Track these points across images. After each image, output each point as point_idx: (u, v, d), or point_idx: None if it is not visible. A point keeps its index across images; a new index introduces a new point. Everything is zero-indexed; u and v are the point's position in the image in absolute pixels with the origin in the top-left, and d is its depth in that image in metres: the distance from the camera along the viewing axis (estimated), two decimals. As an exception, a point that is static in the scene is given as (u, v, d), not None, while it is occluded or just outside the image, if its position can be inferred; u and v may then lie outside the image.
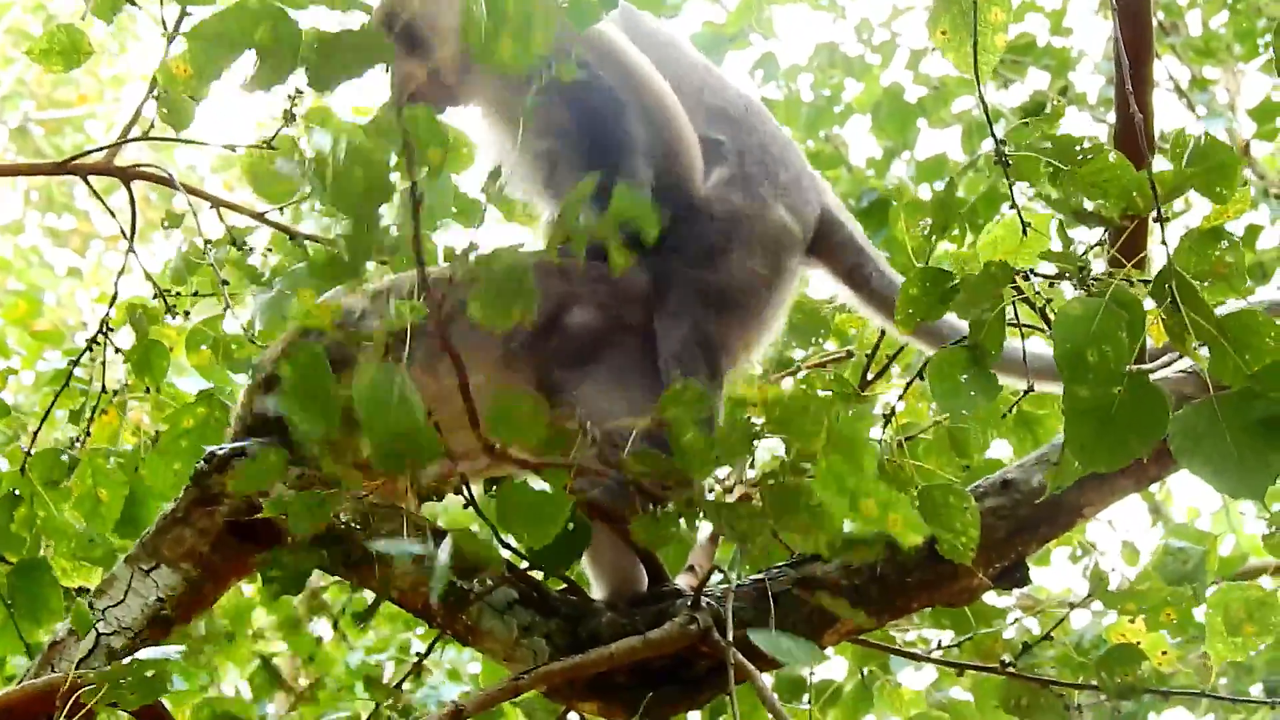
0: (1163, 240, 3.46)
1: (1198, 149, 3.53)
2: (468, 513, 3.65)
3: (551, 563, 3.73)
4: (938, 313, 3.79)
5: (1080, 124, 11.08)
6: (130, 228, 4.83)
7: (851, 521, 3.36)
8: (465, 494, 3.58)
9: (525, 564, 3.82)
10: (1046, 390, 4.11)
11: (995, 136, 3.75)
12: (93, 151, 4.90)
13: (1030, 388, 3.92)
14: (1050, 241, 3.95)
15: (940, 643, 4.66)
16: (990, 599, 4.54)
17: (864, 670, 4.82)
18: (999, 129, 3.85)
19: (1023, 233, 3.79)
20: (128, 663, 3.48)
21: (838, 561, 3.95)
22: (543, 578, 3.94)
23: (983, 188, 9.66)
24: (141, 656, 3.49)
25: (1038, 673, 4.39)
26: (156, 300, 4.82)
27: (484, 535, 3.79)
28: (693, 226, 4.21)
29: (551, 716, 5.61)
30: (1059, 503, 4.01)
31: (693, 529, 3.52)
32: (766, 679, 3.68)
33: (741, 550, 3.58)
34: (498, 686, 3.71)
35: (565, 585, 3.97)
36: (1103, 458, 3.40)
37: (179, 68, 4.31)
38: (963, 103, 10.39)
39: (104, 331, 4.88)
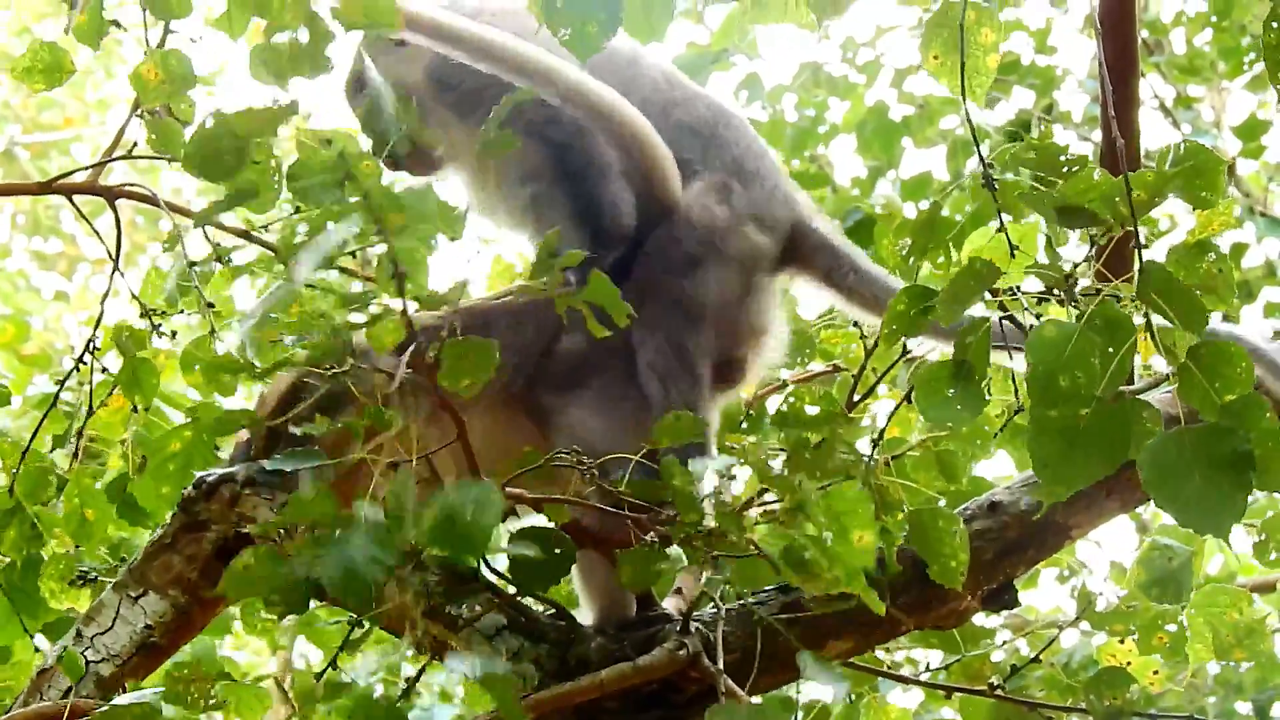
0: (1136, 243, 3.44)
1: (1178, 154, 3.52)
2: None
3: (535, 584, 3.72)
4: (921, 328, 3.79)
5: (1065, 142, 11.09)
6: (116, 249, 4.82)
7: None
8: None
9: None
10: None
11: (982, 158, 3.75)
12: (77, 172, 4.89)
13: (1020, 408, 3.92)
14: (1038, 256, 3.95)
15: (929, 664, 4.66)
16: (979, 621, 4.53)
17: (852, 692, 4.81)
18: (984, 148, 3.84)
19: (1010, 254, 3.78)
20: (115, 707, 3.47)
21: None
22: (525, 598, 3.94)
23: (969, 207, 9.72)
24: (122, 701, 3.48)
25: (1026, 695, 4.39)
26: (144, 321, 4.80)
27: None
28: (668, 239, 4.22)
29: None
30: (1047, 524, 4.01)
31: (693, 560, 3.53)
32: (755, 701, 3.68)
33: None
34: (486, 715, 3.70)
35: (553, 610, 3.96)
36: (1066, 476, 3.39)
37: (150, 72, 4.30)
38: (948, 121, 10.41)
39: (90, 351, 4.87)
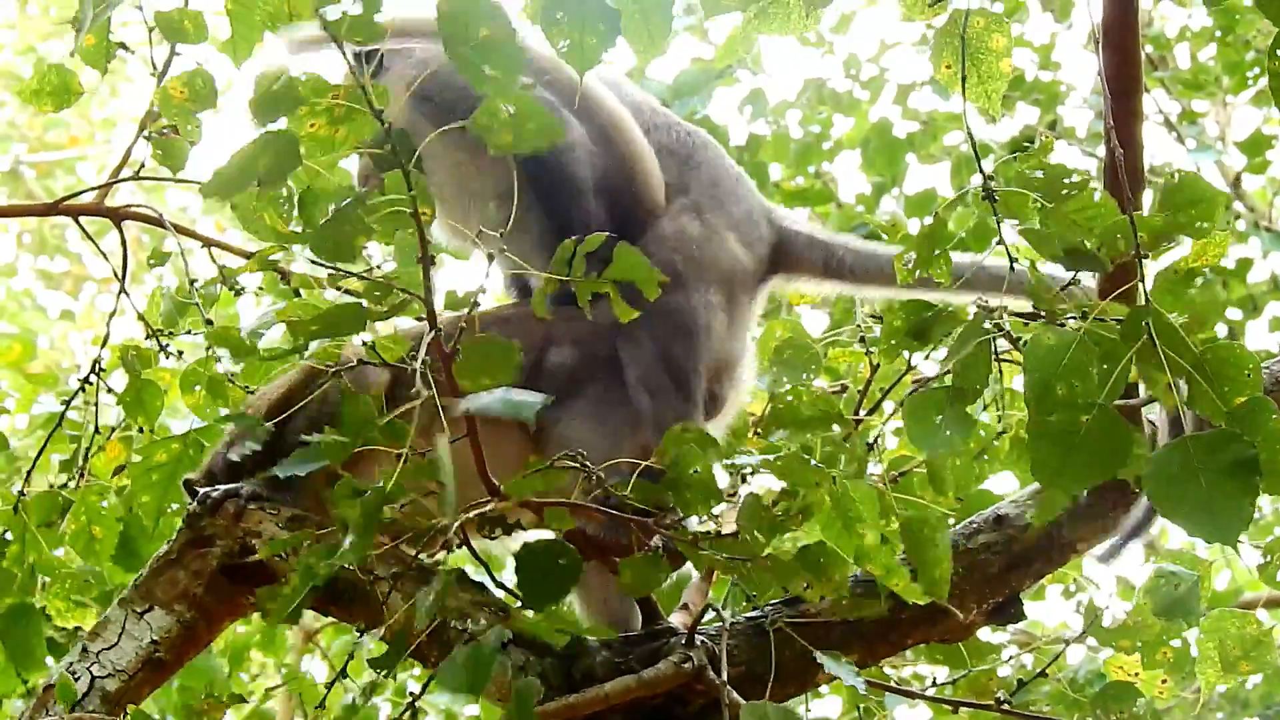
0: (1140, 278, 3.45)
1: (1175, 188, 3.51)
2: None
3: (541, 599, 3.72)
4: (919, 345, 3.79)
5: (1069, 158, 11.09)
6: (122, 269, 4.83)
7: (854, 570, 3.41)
8: (468, 549, 3.60)
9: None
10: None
11: (983, 171, 3.75)
12: (83, 193, 4.90)
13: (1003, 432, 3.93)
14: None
15: (935, 680, 4.65)
16: (985, 635, 4.53)
17: (859, 707, 4.81)
18: (987, 164, 3.84)
19: (1010, 269, 3.78)
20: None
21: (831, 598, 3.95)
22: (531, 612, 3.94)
23: (972, 222, 9.72)
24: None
25: (1033, 710, 4.37)
26: (149, 341, 4.81)
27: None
28: (650, 253, 4.24)
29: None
30: (1052, 538, 4.01)
31: (698, 564, 3.54)
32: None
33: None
34: (497, 725, 3.71)
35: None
36: (1066, 481, 3.39)
37: (176, 91, 4.32)
38: (952, 138, 10.41)
39: (96, 372, 4.87)
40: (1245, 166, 10.72)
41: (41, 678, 4.47)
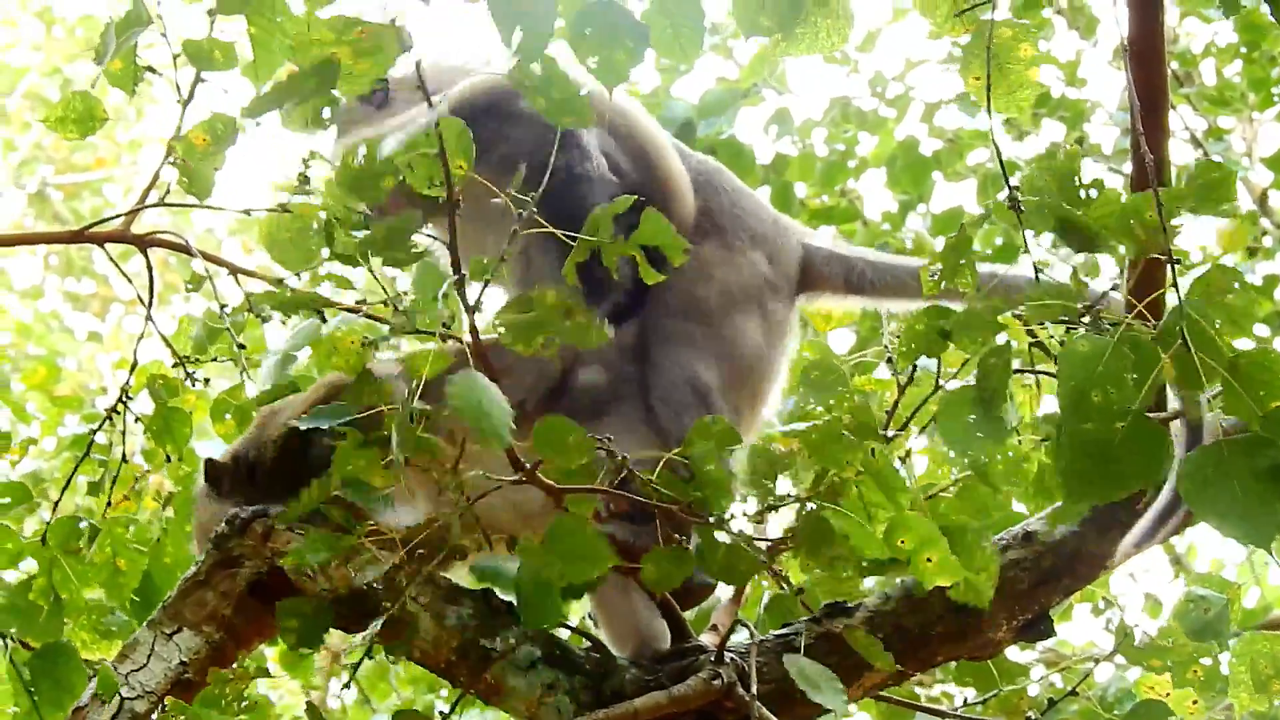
0: (1173, 281, 3.45)
1: (1189, 172, 3.52)
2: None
3: (569, 592, 3.73)
4: (939, 348, 3.79)
5: (1096, 175, 11.06)
6: (149, 294, 4.83)
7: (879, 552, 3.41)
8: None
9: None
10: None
11: (1008, 183, 3.75)
12: (109, 220, 4.90)
13: (1045, 439, 3.91)
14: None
15: (965, 699, 4.64)
16: (1014, 654, 4.52)
17: (886, 725, 4.80)
18: (1014, 180, 3.84)
19: (1035, 279, 3.78)
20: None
21: (860, 614, 3.95)
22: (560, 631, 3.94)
23: (998, 239, 9.72)
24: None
25: (1063, 728, 4.37)
26: (176, 369, 4.81)
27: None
28: (675, 277, 4.25)
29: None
30: (1081, 554, 4.00)
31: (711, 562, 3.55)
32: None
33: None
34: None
35: (589, 643, 3.97)
36: (1097, 491, 3.38)
37: (198, 138, 4.34)
38: (978, 155, 10.40)
39: (124, 401, 4.88)
40: (1271, 183, 10.69)
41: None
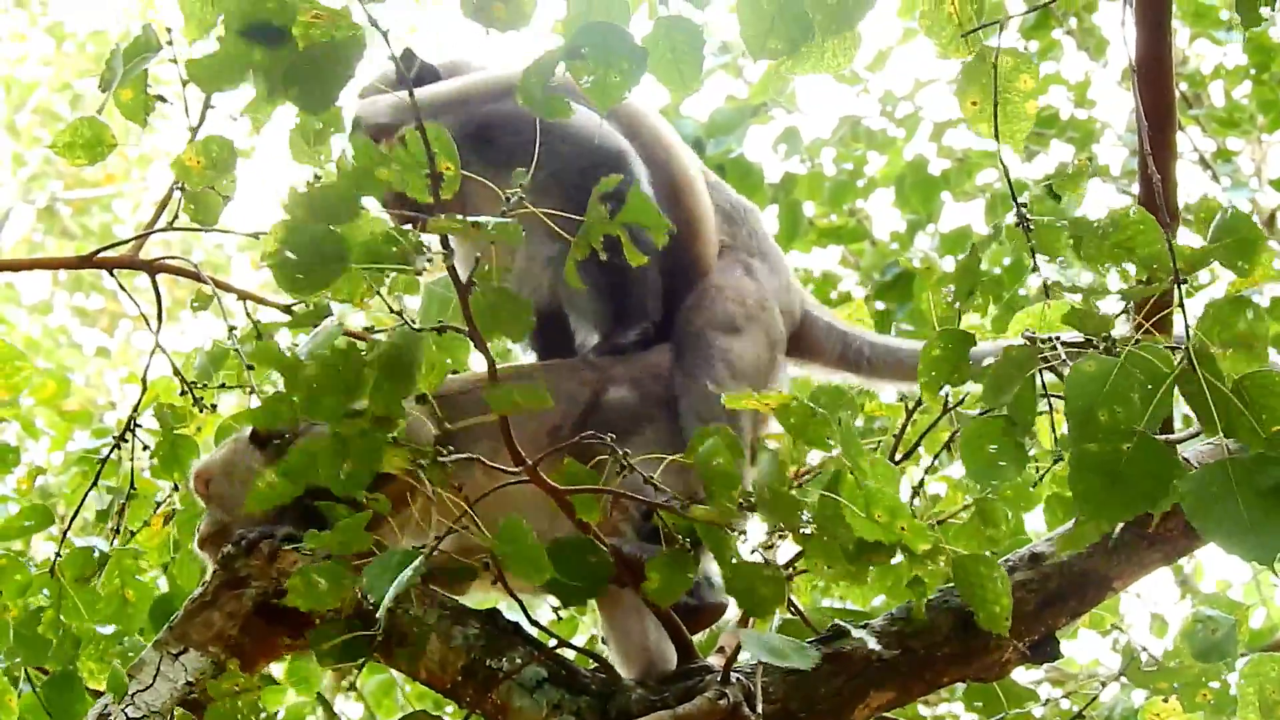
0: (1180, 305, 3.46)
1: (1222, 223, 3.54)
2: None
3: (572, 597, 3.73)
4: (961, 376, 3.80)
5: (1104, 196, 11.08)
6: (157, 318, 4.84)
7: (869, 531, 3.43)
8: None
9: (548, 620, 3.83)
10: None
11: (1018, 203, 3.76)
12: (118, 245, 4.90)
13: (1059, 457, 3.92)
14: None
15: (973, 721, 4.64)
16: (1020, 677, 4.52)
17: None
18: (1022, 200, 3.85)
19: (1045, 298, 3.80)
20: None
21: (868, 634, 3.95)
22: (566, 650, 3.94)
23: (1007, 259, 9.72)
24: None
25: (1069, 749, 4.37)
26: (183, 395, 4.81)
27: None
28: (710, 296, 4.28)
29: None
30: (1088, 575, 4.00)
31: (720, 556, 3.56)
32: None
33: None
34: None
35: (595, 663, 3.97)
36: (1108, 511, 3.40)
37: (192, 161, 4.34)
38: (986, 175, 10.39)
39: (131, 429, 4.89)
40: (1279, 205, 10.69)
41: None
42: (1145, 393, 3.36)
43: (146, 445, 4.89)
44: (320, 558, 3.78)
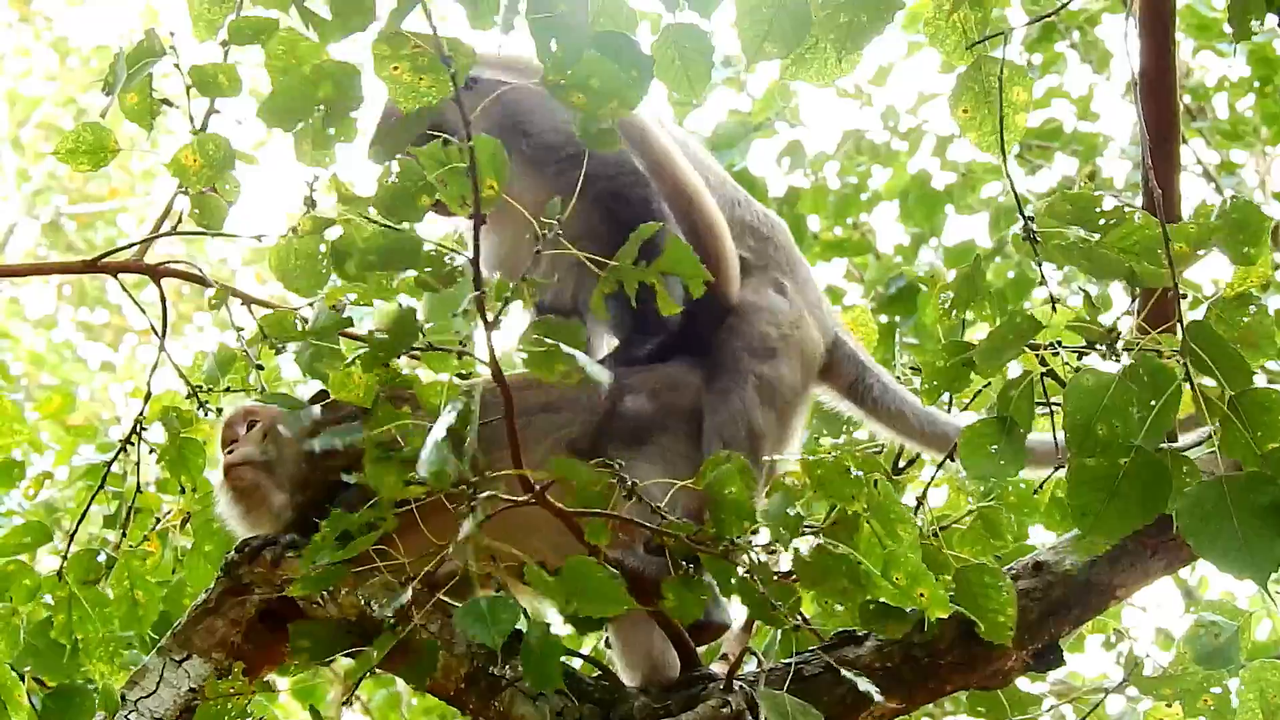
0: (1180, 315, 3.46)
1: (1223, 209, 3.54)
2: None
3: (587, 624, 3.73)
4: (962, 382, 3.80)
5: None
6: (162, 324, 4.83)
7: (885, 592, 3.41)
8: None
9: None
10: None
11: (1023, 214, 3.77)
12: (122, 249, 4.89)
13: (1059, 465, 3.92)
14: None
15: (976, 729, 4.64)
16: (1024, 686, 4.51)
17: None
18: (1027, 211, 3.86)
19: (1052, 309, 3.80)
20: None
21: (870, 643, 3.95)
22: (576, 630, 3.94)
23: (1011, 272, 9.72)
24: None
25: (1074, 758, 4.37)
26: (189, 399, 4.81)
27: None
28: (749, 323, 4.29)
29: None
30: (1091, 584, 4.00)
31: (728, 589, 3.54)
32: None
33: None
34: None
35: (599, 671, 3.97)
36: (1106, 526, 3.41)
37: (189, 159, 4.32)
38: (990, 189, 10.40)
39: (138, 431, 4.89)
40: (1284, 216, 10.68)
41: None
42: (1146, 405, 3.37)
43: (152, 449, 4.89)
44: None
